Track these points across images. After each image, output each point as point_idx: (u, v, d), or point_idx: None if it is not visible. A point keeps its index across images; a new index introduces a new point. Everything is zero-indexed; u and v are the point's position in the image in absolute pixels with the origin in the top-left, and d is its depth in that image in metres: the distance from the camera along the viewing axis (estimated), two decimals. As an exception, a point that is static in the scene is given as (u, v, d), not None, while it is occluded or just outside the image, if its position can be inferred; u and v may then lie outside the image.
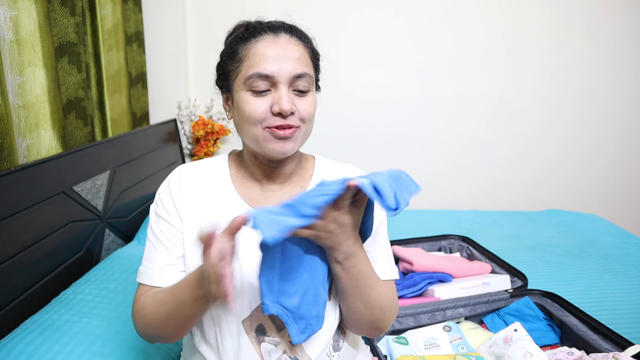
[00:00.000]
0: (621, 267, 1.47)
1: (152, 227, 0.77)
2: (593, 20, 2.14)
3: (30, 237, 1.10)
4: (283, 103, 0.68)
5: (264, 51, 0.70)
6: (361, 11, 2.16)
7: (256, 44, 0.71)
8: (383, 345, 1.05)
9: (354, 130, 2.30)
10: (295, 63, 0.70)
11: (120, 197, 1.57)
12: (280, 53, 0.70)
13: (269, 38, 0.71)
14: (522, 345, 0.93)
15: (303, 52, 0.72)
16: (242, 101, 0.71)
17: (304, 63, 0.72)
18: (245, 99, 0.71)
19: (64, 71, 1.38)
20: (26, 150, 1.24)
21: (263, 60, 0.69)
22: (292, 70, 0.70)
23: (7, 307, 1.03)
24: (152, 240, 0.77)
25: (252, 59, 0.70)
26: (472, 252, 1.50)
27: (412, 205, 2.34)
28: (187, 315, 0.66)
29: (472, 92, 2.25)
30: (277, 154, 0.72)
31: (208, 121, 2.17)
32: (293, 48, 0.71)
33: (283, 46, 0.70)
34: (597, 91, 2.23)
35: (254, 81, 0.69)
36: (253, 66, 0.69)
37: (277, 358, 0.72)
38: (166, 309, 0.68)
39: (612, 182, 2.35)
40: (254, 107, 0.70)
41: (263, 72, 0.69)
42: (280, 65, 0.69)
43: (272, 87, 0.70)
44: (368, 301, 0.71)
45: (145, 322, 0.72)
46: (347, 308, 0.73)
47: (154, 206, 0.79)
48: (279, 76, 0.69)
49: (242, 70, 0.71)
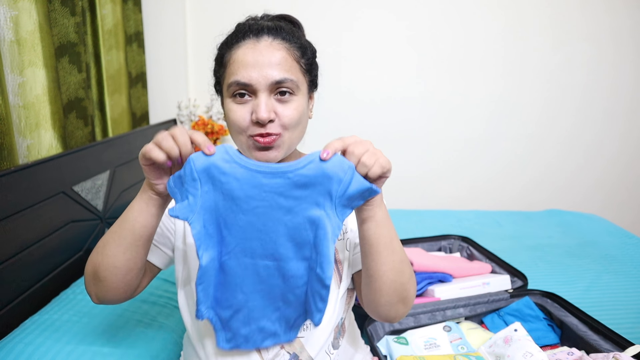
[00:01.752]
0: (621, 267, 1.47)
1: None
2: (593, 20, 2.14)
3: (30, 237, 1.10)
4: (260, 112, 0.67)
5: (243, 57, 0.69)
6: (361, 12, 2.16)
7: (237, 50, 0.70)
8: (383, 345, 1.05)
9: (354, 130, 2.29)
10: (275, 69, 0.68)
11: (120, 197, 1.57)
12: (259, 59, 0.68)
13: (249, 43, 0.70)
14: (522, 345, 0.93)
15: (285, 55, 0.70)
16: (227, 108, 0.72)
17: (285, 68, 0.69)
18: (229, 107, 0.71)
19: (65, 71, 1.38)
20: (26, 150, 1.24)
21: (242, 67, 0.68)
22: (271, 76, 0.68)
23: (7, 307, 1.02)
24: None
25: (233, 66, 0.70)
26: (472, 252, 1.50)
27: (412, 205, 2.35)
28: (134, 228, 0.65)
29: (472, 92, 2.25)
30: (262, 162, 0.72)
31: (208, 121, 2.17)
32: (274, 52, 0.69)
33: (262, 52, 0.69)
34: (597, 91, 2.23)
35: (234, 89, 0.69)
36: (233, 74, 0.69)
37: (275, 353, 0.72)
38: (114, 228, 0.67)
39: (612, 182, 2.35)
40: (237, 115, 0.70)
41: (241, 80, 0.68)
42: (259, 72, 0.68)
43: (253, 94, 0.69)
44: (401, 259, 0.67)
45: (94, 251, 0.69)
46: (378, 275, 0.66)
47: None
48: (257, 84, 0.68)
49: (225, 77, 0.72)
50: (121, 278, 0.67)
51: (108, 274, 0.66)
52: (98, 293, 0.70)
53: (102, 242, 0.68)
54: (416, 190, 2.39)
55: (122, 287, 0.69)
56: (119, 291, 0.69)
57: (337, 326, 0.79)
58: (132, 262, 0.67)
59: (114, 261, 0.66)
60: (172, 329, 1.04)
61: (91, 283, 0.70)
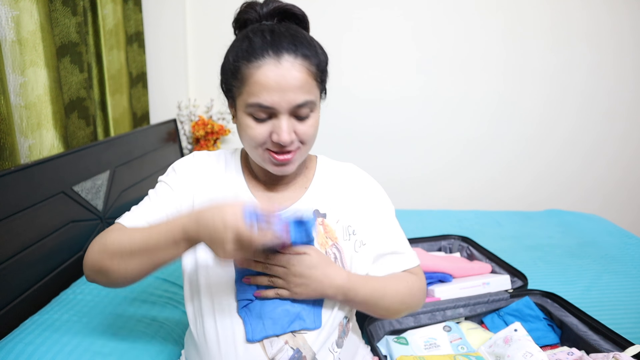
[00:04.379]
0: (621, 267, 1.47)
1: (156, 188, 0.80)
2: (594, 20, 2.14)
3: (30, 237, 1.10)
4: (282, 135, 0.69)
5: (265, 80, 0.67)
6: (362, 11, 2.16)
7: (258, 69, 0.67)
8: (383, 345, 1.05)
9: (355, 129, 2.30)
10: (297, 92, 0.68)
11: (120, 197, 1.57)
12: (281, 82, 0.67)
13: (271, 62, 0.67)
14: (522, 345, 0.93)
15: (306, 76, 0.69)
16: (244, 124, 0.72)
17: (306, 89, 0.69)
18: (246, 123, 0.71)
19: (66, 71, 1.38)
20: (28, 150, 1.24)
21: (264, 90, 0.67)
22: (293, 100, 0.68)
23: (7, 307, 1.03)
24: (150, 195, 0.80)
25: (253, 86, 0.68)
26: (472, 252, 1.50)
27: (412, 205, 2.35)
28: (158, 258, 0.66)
29: (473, 93, 2.25)
30: (277, 175, 0.77)
31: (208, 121, 2.17)
32: (296, 74, 0.68)
33: (284, 74, 0.67)
34: (598, 91, 2.23)
35: (254, 110, 0.69)
36: (254, 95, 0.68)
37: (278, 348, 0.72)
38: (136, 246, 0.67)
39: (612, 182, 2.35)
40: (255, 132, 0.71)
41: (264, 103, 0.68)
42: (281, 96, 0.67)
43: (273, 115, 0.70)
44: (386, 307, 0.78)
45: (101, 251, 0.69)
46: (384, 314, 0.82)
47: (164, 176, 0.82)
48: (279, 107, 0.68)
49: (243, 94, 0.70)
50: (130, 280, 0.71)
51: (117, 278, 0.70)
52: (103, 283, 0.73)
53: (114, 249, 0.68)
54: (417, 190, 2.39)
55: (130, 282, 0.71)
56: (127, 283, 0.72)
57: (342, 325, 0.79)
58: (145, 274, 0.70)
59: (125, 273, 0.69)
60: (172, 328, 1.04)
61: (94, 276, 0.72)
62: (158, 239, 0.65)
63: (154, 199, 0.78)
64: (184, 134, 2.23)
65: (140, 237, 0.67)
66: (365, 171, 0.88)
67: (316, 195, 0.81)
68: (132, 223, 0.74)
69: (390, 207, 0.86)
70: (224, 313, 0.73)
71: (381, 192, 0.86)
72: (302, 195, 0.81)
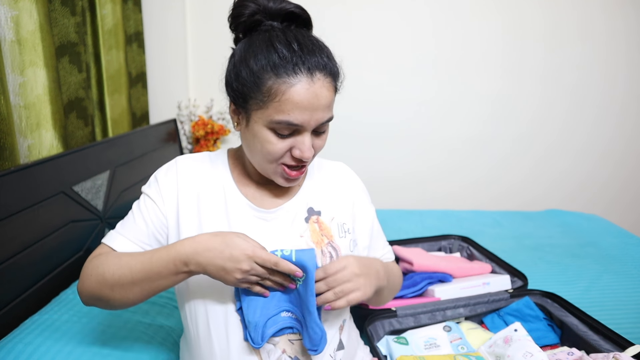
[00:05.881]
0: (621, 267, 1.47)
1: (140, 202, 0.77)
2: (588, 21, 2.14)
3: (30, 237, 1.10)
4: (305, 152, 0.68)
5: (299, 99, 0.64)
6: (359, 11, 2.16)
7: (290, 88, 0.64)
8: (383, 345, 1.05)
9: (354, 129, 2.30)
10: (325, 111, 0.68)
11: (120, 197, 1.57)
12: (313, 102, 0.65)
13: (304, 81, 0.64)
14: (522, 345, 0.93)
15: (333, 93, 0.69)
16: (263, 138, 0.68)
17: (331, 107, 0.69)
18: (266, 137, 0.68)
19: (65, 71, 1.38)
20: (27, 151, 1.24)
21: (296, 109, 0.65)
22: (321, 119, 0.68)
23: (7, 307, 1.02)
24: (134, 212, 0.76)
25: (284, 104, 0.64)
26: (472, 252, 1.50)
27: (412, 205, 2.35)
28: (158, 286, 0.68)
29: (471, 91, 2.25)
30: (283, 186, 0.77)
31: (208, 121, 2.17)
32: (326, 94, 0.67)
33: (317, 94, 0.65)
34: (598, 92, 2.23)
35: (280, 127, 0.66)
36: (283, 112, 0.65)
37: (276, 358, 0.72)
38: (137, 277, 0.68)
39: (613, 182, 2.35)
40: (276, 147, 0.68)
41: (294, 122, 0.65)
42: (312, 115, 0.66)
43: (296, 132, 0.68)
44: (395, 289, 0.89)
45: (100, 282, 0.69)
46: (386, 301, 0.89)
47: (146, 187, 0.78)
48: (308, 126, 0.67)
49: (268, 109, 0.66)
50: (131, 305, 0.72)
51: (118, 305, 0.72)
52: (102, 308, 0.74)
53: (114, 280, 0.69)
54: (416, 189, 2.39)
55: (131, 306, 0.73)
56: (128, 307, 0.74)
57: (342, 327, 0.79)
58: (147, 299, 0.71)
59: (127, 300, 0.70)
60: (171, 329, 1.04)
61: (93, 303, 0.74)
62: (159, 270, 0.67)
63: (138, 215, 0.75)
64: (184, 134, 2.23)
65: (140, 267, 0.67)
66: (364, 171, 0.89)
67: (310, 193, 0.81)
68: (123, 247, 0.73)
69: (373, 208, 0.89)
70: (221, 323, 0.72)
71: (366, 192, 0.89)
72: (295, 192, 0.80)
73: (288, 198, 0.79)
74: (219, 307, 0.72)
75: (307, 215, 0.78)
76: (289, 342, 0.72)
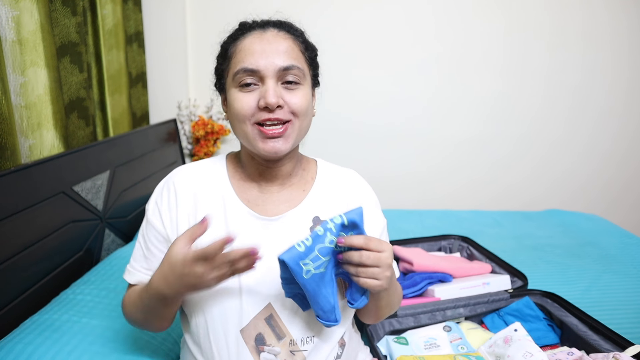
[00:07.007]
0: (621, 267, 1.47)
1: (143, 229, 0.79)
2: (591, 21, 2.14)
3: (30, 237, 1.10)
4: (268, 96, 0.67)
5: (250, 46, 0.70)
6: (360, 10, 2.17)
7: (243, 40, 0.72)
8: (383, 345, 1.05)
9: (354, 129, 2.30)
10: (283, 56, 0.70)
11: (120, 197, 1.57)
12: (266, 47, 0.70)
13: (256, 34, 0.72)
14: (522, 345, 0.93)
15: (291, 45, 0.72)
16: (232, 98, 0.72)
17: (292, 56, 0.71)
18: (234, 96, 0.71)
19: (66, 71, 1.38)
20: (28, 150, 1.24)
21: (249, 55, 0.69)
22: (279, 63, 0.69)
23: (7, 307, 1.03)
24: (141, 242, 0.79)
25: (239, 54, 0.71)
26: (472, 252, 1.50)
27: (412, 205, 2.35)
28: (169, 313, 0.73)
29: (472, 91, 2.25)
30: (269, 154, 0.71)
31: (208, 121, 2.17)
32: (281, 41, 0.71)
33: (269, 40, 0.70)
34: (599, 91, 2.23)
35: (241, 76, 0.70)
36: (240, 62, 0.70)
37: None
38: (145, 315, 0.74)
39: (613, 182, 2.35)
40: (242, 102, 0.70)
41: (249, 66, 0.69)
42: (267, 59, 0.69)
43: (260, 82, 0.70)
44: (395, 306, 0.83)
45: (130, 319, 0.79)
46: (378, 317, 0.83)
47: (147, 212, 0.78)
48: (265, 70, 0.69)
49: (230, 68, 0.72)
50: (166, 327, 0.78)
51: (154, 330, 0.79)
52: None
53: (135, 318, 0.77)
54: (416, 189, 2.39)
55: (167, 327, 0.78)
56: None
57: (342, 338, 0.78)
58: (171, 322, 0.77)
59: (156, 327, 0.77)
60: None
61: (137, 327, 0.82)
62: (154, 307, 0.71)
63: (144, 246, 0.77)
64: (184, 134, 2.23)
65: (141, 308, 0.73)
66: (364, 171, 0.88)
67: (317, 201, 0.78)
68: (136, 280, 0.77)
69: (384, 220, 0.85)
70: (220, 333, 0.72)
71: (378, 203, 0.86)
72: (302, 199, 0.78)
73: (293, 205, 0.77)
74: (217, 308, 0.72)
75: (312, 224, 0.76)
76: (290, 353, 0.71)
